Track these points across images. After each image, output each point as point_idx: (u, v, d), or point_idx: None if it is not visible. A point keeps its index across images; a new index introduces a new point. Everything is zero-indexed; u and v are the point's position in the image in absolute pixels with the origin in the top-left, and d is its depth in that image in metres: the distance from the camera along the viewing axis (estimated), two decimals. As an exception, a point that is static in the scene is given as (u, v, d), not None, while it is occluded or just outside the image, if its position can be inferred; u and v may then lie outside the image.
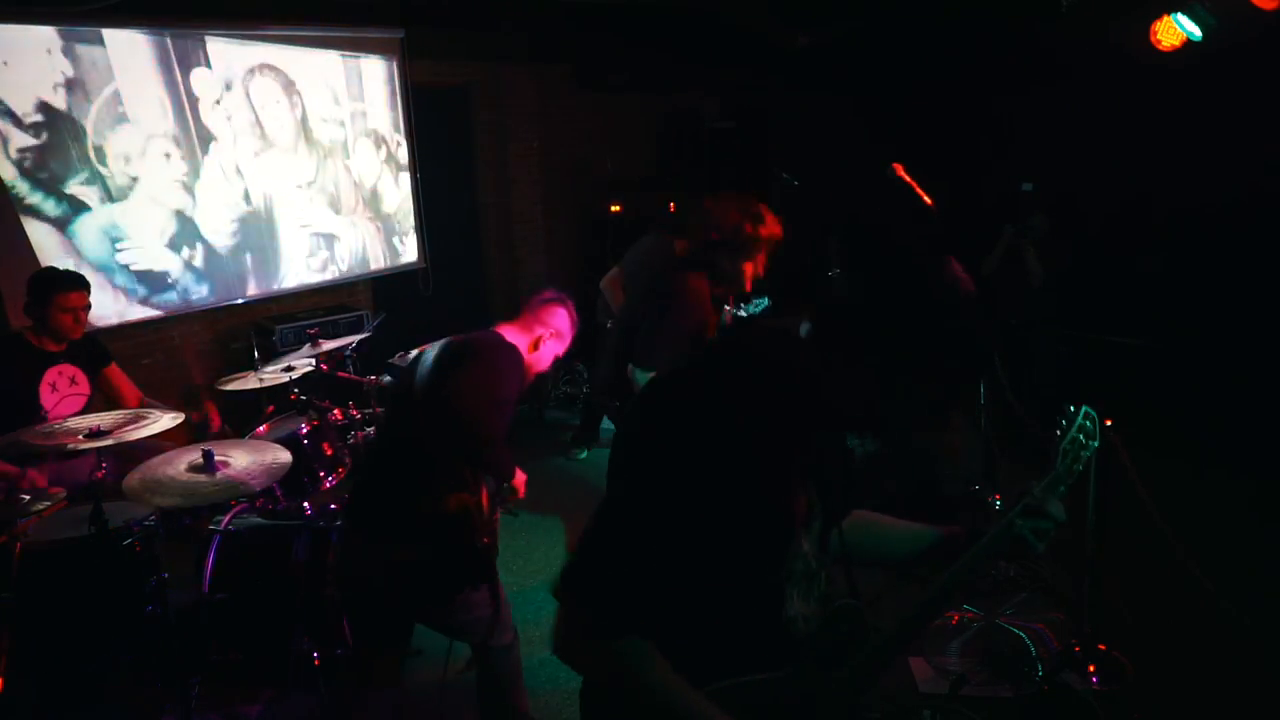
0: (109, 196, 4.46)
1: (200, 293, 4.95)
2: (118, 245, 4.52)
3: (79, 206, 4.36)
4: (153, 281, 4.71)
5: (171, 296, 4.81)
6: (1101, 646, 3.05)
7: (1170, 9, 4.22)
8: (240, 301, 5.18)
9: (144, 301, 4.69)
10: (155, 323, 4.83)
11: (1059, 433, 1.38)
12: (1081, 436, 1.39)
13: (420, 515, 2.28)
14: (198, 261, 4.90)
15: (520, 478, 2.58)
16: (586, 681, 1.38)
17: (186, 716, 2.78)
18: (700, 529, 1.17)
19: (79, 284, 3.52)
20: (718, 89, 7.51)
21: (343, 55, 5.49)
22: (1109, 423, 2.92)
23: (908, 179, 4.30)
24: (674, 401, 1.26)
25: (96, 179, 4.40)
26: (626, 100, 7.15)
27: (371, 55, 5.64)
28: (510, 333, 2.49)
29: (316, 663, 2.88)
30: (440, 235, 6.31)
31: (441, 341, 2.44)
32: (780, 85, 7.27)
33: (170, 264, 4.78)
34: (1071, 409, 1.39)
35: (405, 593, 2.33)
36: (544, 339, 2.54)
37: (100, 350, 3.73)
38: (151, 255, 4.69)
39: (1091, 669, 2.98)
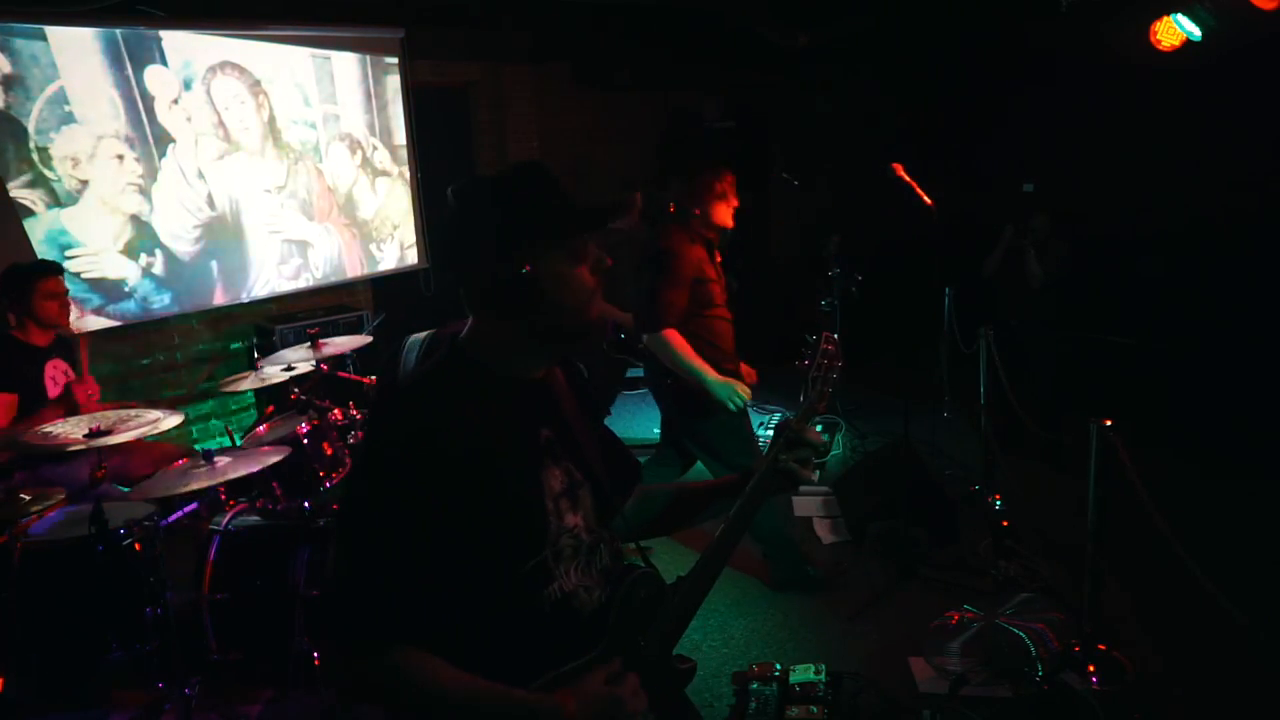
0: (56, 200, 4.26)
1: (162, 301, 4.74)
2: (67, 253, 4.31)
3: (23, 211, 4.17)
4: (107, 290, 4.49)
5: (129, 306, 4.60)
6: (1101, 646, 3.05)
7: (1170, 9, 4.22)
8: (214, 307, 5.00)
9: (98, 311, 4.45)
10: (156, 323, 4.81)
11: (806, 363, 1.45)
12: (825, 360, 1.46)
13: None
14: (157, 269, 4.69)
15: None
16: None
17: (186, 716, 2.78)
18: (437, 528, 1.17)
19: (56, 270, 3.51)
20: (718, 89, 7.51)
21: (313, 54, 5.32)
22: (1109, 423, 2.92)
23: (907, 179, 4.31)
24: (389, 412, 1.29)
25: (42, 182, 4.21)
26: (626, 100, 7.15)
27: (344, 52, 5.47)
28: None
29: (316, 663, 2.88)
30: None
31: (423, 338, 2.40)
32: (780, 85, 7.27)
33: (127, 272, 4.56)
34: (811, 338, 1.46)
35: None
36: None
37: (77, 353, 3.73)
38: (105, 263, 4.47)
39: (1091, 669, 2.98)
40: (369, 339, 3.97)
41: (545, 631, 1.27)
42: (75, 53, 4.26)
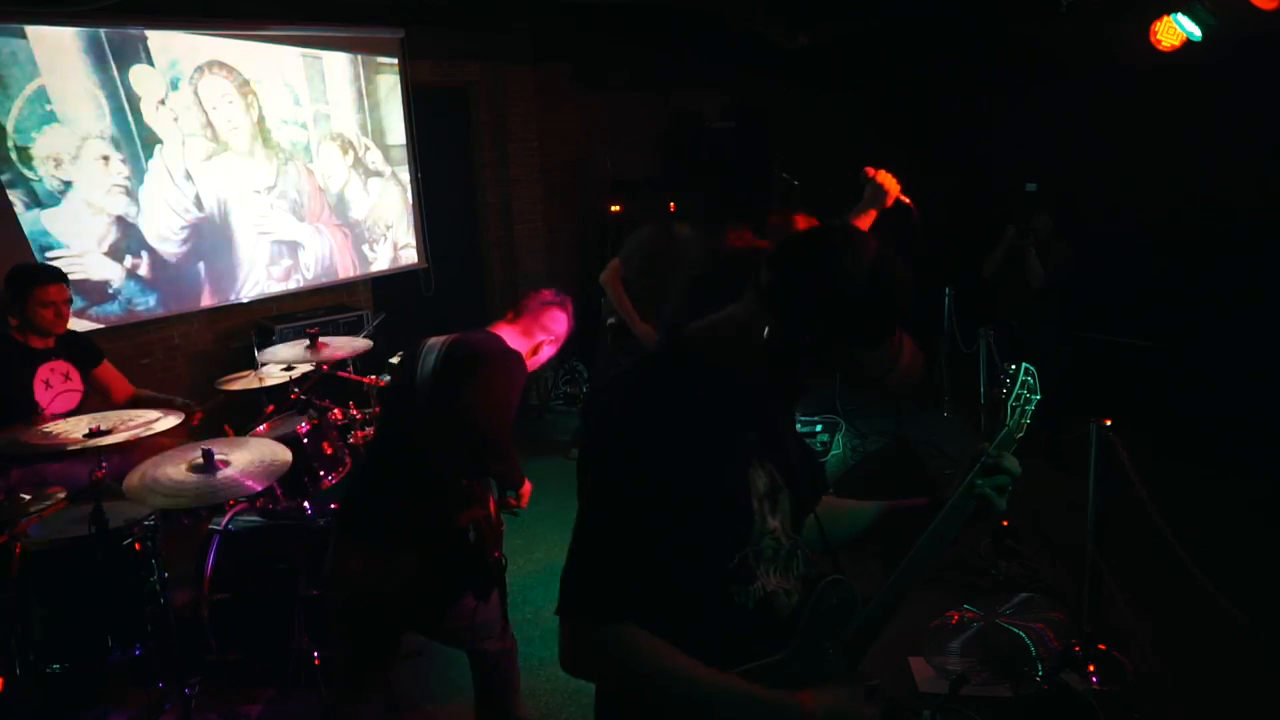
0: (37, 201, 4.22)
1: (147, 303, 4.68)
2: (49, 254, 4.25)
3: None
4: (90, 292, 4.43)
5: (113, 308, 4.55)
6: (1101, 646, 3.05)
7: (1170, 9, 4.22)
8: (201, 309, 4.96)
9: (81, 314, 4.36)
10: (155, 323, 4.80)
11: (1004, 392, 1.46)
12: (1025, 392, 1.47)
13: (425, 527, 2.26)
14: (143, 271, 4.63)
15: (526, 487, 2.57)
16: (598, 692, 1.40)
17: (186, 716, 2.78)
18: (661, 515, 1.22)
19: (58, 277, 3.49)
20: (718, 89, 7.51)
21: (303, 53, 5.26)
22: (1109, 423, 2.92)
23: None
24: (625, 398, 1.33)
25: (21, 181, 4.16)
26: (626, 100, 7.15)
27: (336, 52, 5.42)
28: (511, 336, 2.47)
29: (316, 663, 2.88)
30: (440, 235, 6.31)
31: (443, 341, 2.41)
32: (780, 85, 7.27)
33: (111, 273, 4.51)
34: (1013, 368, 1.47)
35: (403, 603, 2.29)
36: (543, 344, 2.53)
37: (91, 348, 3.72)
38: (89, 264, 4.42)
39: (1091, 669, 2.98)
40: (369, 343, 3.94)
41: (746, 628, 1.30)
42: (57, 52, 4.20)
